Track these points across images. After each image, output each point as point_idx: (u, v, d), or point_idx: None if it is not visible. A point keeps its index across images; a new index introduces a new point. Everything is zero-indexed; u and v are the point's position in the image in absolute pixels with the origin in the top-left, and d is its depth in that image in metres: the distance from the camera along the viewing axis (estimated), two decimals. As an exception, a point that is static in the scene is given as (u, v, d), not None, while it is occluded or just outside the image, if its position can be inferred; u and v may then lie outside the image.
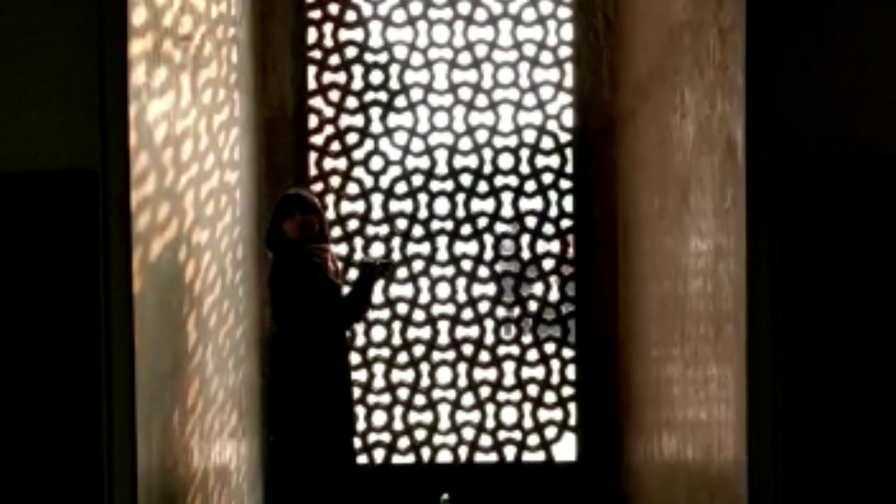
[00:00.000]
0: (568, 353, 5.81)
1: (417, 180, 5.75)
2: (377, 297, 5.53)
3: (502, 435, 5.81)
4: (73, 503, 2.98)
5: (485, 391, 5.81)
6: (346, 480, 4.49)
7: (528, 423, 5.81)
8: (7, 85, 2.94)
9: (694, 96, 3.73)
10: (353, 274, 5.46)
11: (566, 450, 5.82)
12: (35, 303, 2.98)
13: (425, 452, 5.78)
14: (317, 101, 5.76)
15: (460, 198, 5.76)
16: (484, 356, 5.82)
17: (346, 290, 4.52)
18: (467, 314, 5.80)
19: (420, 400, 5.79)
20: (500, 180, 5.77)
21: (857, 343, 2.97)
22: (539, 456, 5.82)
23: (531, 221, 5.80)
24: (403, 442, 5.78)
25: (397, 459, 5.77)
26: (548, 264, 5.84)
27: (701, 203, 3.64)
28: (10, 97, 2.93)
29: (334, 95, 5.78)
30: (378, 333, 5.78)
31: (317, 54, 5.72)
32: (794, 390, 2.98)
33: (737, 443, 3.16)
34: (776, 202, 2.98)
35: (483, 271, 5.79)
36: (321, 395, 4.28)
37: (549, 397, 5.81)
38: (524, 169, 5.77)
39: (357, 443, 5.18)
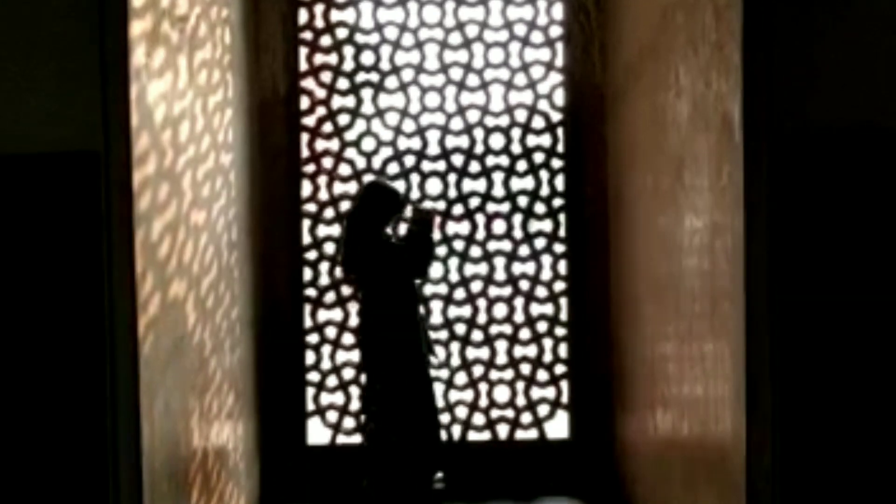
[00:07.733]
0: (560, 331, 5.85)
1: (409, 161, 5.75)
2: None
3: (495, 413, 5.85)
4: (80, 482, 3.00)
5: (478, 370, 5.84)
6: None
7: (520, 401, 5.85)
8: (8, 67, 2.93)
9: (689, 74, 3.76)
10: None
11: (559, 427, 5.86)
12: (38, 283, 2.98)
13: (419, 431, 5.81)
14: (308, 83, 5.75)
15: (452, 178, 5.78)
16: (476, 335, 5.85)
17: None
18: (459, 294, 5.83)
19: (414, 379, 5.82)
20: (491, 160, 5.78)
21: (856, 317, 3.01)
22: (532, 434, 5.87)
23: (523, 201, 5.82)
24: (398, 421, 5.81)
25: (392, 438, 5.81)
26: (539, 243, 5.87)
27: (696, 180, 3.67)
28: (11, 79, 2.92)
29: (326, 77, 5.77)
30: (371, 314, 5.78)
31: (308, 35, 5.71)
32: (792, 365, 3.02)
33: (734, 418, 3.20)
34: (773, 178, 3.01)
35: (475, 251, 5.81)
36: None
37: (542, 375, 5.85)
38: (515, 149, 5.78)
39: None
